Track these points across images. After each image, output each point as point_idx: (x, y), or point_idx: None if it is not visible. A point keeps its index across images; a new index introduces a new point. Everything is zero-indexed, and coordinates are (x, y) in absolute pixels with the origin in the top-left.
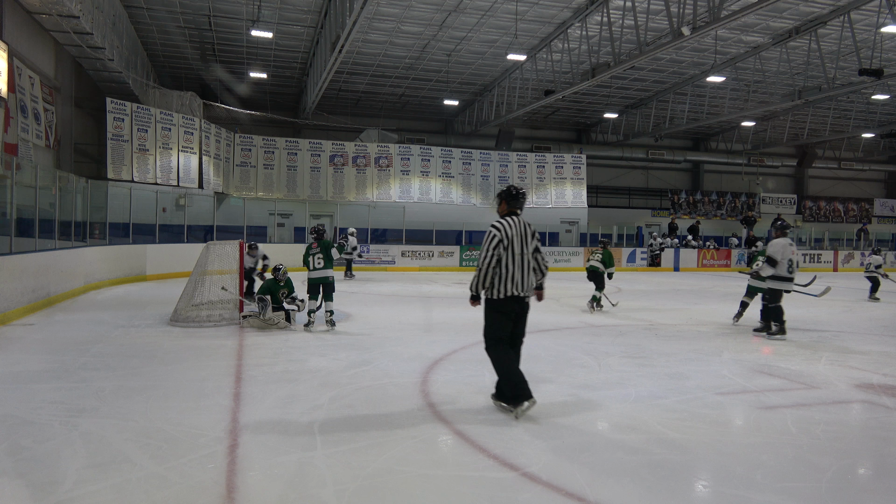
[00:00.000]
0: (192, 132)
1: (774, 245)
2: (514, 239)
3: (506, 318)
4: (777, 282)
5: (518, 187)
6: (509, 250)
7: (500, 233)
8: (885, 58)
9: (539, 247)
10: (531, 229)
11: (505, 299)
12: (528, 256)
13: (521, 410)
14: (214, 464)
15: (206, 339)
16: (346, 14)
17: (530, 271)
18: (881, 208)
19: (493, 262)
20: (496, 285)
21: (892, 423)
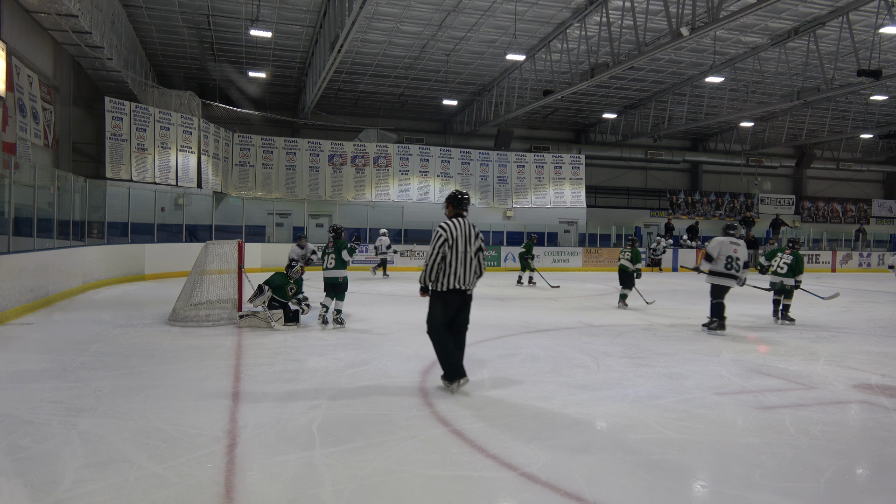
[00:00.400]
0: (191, 131)
1: (712, 242)
2: (459, 239)
3: (448, 307)
4: (715, 277)
5: (463, 192)
6: (454, 249)
7: (446, 233)
8: (884, 58)
9: (482, 247)
10: (475, 231)
11: (448, 291)
12: (471, 255)
13: (455, 386)
14: (213, 463)
15: (204, 339)
16: (345, 14)
17: (472, 268)
18: (879, 209)
19: (439, 258)
20: (440, 279)
21: (891, 424)
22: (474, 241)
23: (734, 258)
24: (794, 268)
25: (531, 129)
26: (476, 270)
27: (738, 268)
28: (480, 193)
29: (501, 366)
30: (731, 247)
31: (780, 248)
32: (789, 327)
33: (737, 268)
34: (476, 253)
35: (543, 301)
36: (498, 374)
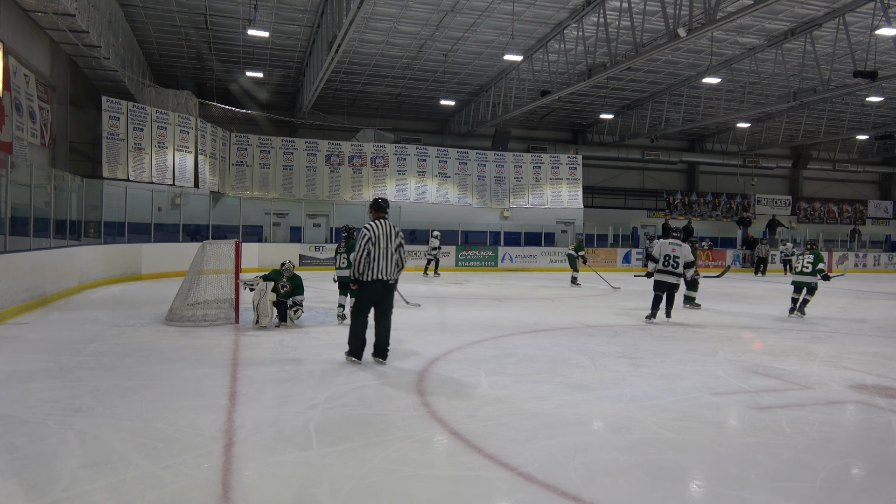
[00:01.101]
0: (188, 131)
1: (654, 245)
2: (381, 237)
3: (371, 294)
4: (659, 274)
5: (384, 199)
6: (377, 245)
7: (370, 233)
8: (880, 60)
9: (402, 244)
10: (395, 230)
11: (372, 282)
12: (391, 250)
13: (351, 360)
14: (210, 463)
15: (201, 339)
16: (342, 14)
17: (393, 261)
18: (875, 210)
19: (365, 253)
20: (365, 271)
21: (886, 424)
22: (394, 238)
23: (671, 256)
24: (815, 265)
25: (528, 130)
26: (397, 263)
27: (676, 265)
28: (478, 193)
29: (499, 366)
30: (670, 247)
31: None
32: (786, 328)
33: (674, 265)
34: (396, 249)
35: (540, 301)
36: (495, 374)
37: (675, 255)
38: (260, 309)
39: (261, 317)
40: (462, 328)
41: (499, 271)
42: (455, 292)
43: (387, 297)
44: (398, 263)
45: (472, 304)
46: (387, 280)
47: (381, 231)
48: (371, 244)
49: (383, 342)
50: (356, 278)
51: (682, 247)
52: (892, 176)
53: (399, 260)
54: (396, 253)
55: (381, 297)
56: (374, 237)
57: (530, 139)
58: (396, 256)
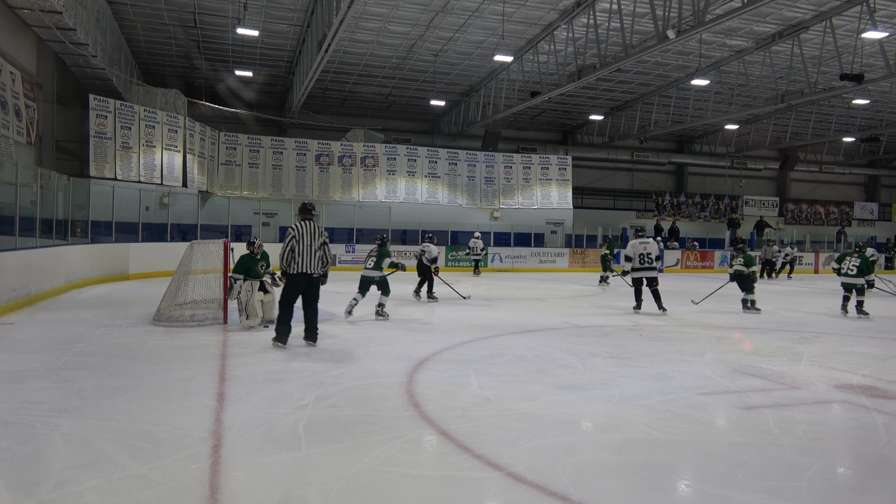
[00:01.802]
0: (177, 130)
1: (628, 245)
2: (304, 236)
3: (296, 286)
4: (636, 272)
5: (311, 203)
6: (300, 243)
7: (295, 231)
8: (866, 63)
9: (326, 242)
10: (320, 230)
11: (297, 274)
12: (314, 248)
13: (277, 344)
14: (198, 464)
15: (189, 339)
16: (332, 13)
17: (317, 257)
18: (861, 211)
19: (289, 249)
20: (291, 266)
21: (871, 423)
22: (318, 237)
23: (645, 254)
24: (862, 269)
25: (518, 130)
26: (321, 259)
27: (651, 260)
28: (468, 194)
29: (488, 366)
30: (641, 246)
31: (848, 252)
32: (773, 329)
33: (649, 261)
34: (320, 246)
35: (530, 302)
36: (485, 374)
37: (647, 252)
38: (248, 310)
39: (249, 317)
40: (452, 329)
41: (489, 272)
42: (444, 293)
43: (311, 288)
44: (322, 259)
45: (462, 304)
46: (310, 273)
47: (304, 230)
48: (295, 241)
49: (312, 327)
50: (283, 271)
51: (651, 243)
52: (878, 178)
53: (323, 256)
54: (320, 250)
55: (305, 287)
56: (297, 235)
57: (520, 140)
58: (320, 253)
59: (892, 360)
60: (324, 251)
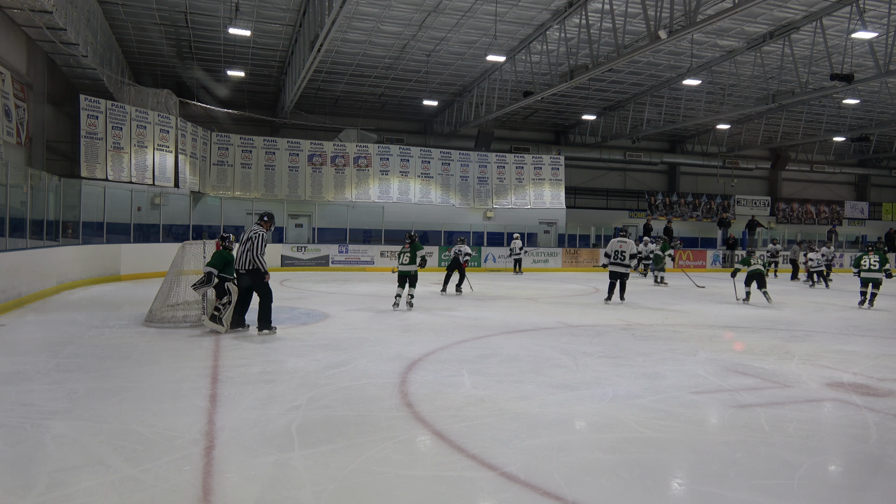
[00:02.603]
0: (168, 130)
1: (608, 245)
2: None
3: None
4: (612, 266)
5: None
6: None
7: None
8: (856, 63)
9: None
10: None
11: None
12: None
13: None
14: (190, 466)
15: (181, 340)
16: (325, 13)
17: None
18: (851, 210)
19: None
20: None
21: (862, 421)
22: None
23: (620, 252)
24: (882, 263)
25: (511, 130)
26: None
27: (623, 258)
28: (461, 194)
29: (482, 366)
30: (618, 244)
31: (864, 253)
32: (764, 327)
33: (621, 258)
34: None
35: (523, 301)
36: (478, 374)
37: (621, 250)
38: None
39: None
40: (445, 329)
41: (483, 271)
42: (438, 292)
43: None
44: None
45: (455, 304)
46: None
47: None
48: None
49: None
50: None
51: (628, 243)
52: (868, 177)
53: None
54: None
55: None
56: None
57: (513, 140)
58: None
59: (882, 359)
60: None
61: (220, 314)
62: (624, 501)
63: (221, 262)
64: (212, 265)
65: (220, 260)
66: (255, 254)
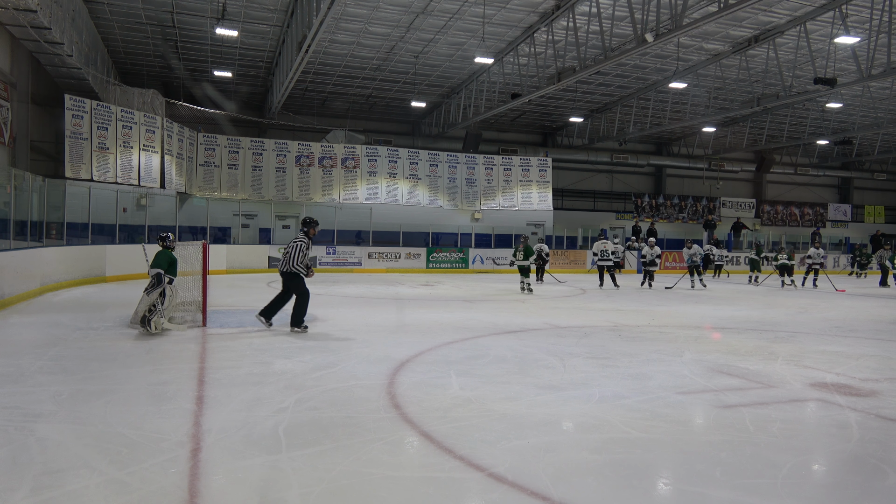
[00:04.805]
0: (154, 130)
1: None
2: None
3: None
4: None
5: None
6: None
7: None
8: (839, 67)
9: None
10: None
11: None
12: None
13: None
14: (177, 468)
15: (167, 342)
16: (312, 14)
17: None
18: (834, 213)
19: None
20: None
21: (845, 421)
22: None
23: (603, 251)
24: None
25: (499, 132)
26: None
27: (607, 255)
28: (448, 195)
29: (469, 367)
30: (602, 245)
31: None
32: (749, 328)
33: (605, 256)
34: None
35: (510, 303)
36: (466, 375)
37: (604, 249)
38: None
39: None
40: (433, 330)
41: (469, 273)
42: (426, 294)
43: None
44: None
45: (443, 305)
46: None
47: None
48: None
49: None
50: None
51: (607, 243)
52: (851, 180)
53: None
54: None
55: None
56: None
57: (501, 141)
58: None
59: (864, 359)
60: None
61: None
62: (610, 501)
63: (166, 262)
64: (157, 265)
65: (165, 259)
66: (290, 263)
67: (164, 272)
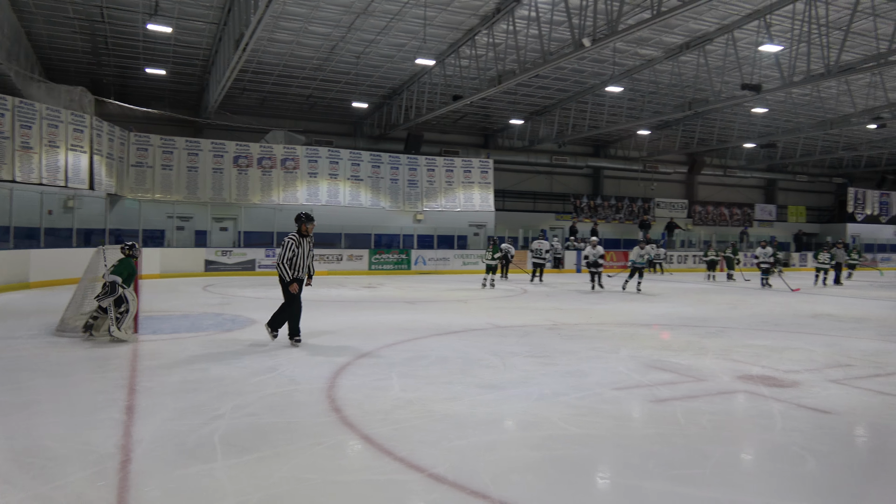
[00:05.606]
0: (83, 129)
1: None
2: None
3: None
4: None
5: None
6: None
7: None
8: (764, 74)
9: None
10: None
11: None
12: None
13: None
14: (106, 481)
15: (97, 350)
16: (250, 12)
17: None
18: (761, 213)
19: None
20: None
21: (769, 411)
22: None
23: (536, 249)
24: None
25: (441, 134)
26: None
27: (540, 254)
28: (391, 196)
29: (411, 368)
30: (537, 244)
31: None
32: (682, 324)
33: (538, 254)
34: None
35: (453, 303)
36: (408, 377)
37: (539, 248)
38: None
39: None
40: (375, 332)
41: (412, 274)
42: (368, 296)
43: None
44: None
45: (386, 307)
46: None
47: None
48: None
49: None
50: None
51: (543, 243)
52: (776, 182)
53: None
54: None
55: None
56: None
57: (443, 143)
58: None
59: (787, 352)
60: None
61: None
62: (549, 497)
63: (126, 271)
64: (117, 273)
65: (126, 268)
66: (277, 261)
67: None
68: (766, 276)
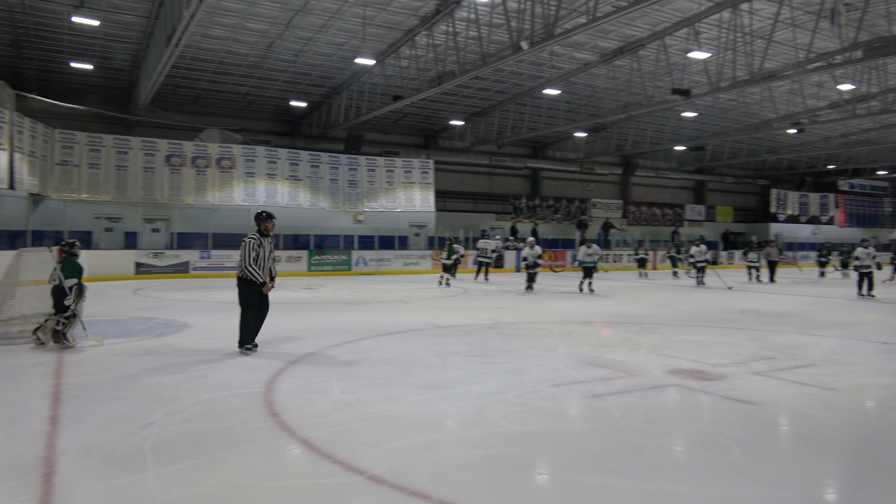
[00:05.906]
0: (2, 126)
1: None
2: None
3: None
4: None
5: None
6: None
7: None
8: (693, 80)
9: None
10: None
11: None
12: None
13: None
14: (27, 495)
15: (17, 358)
16: (182, 6)
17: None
18: (691, 213)
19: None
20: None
21: (698, 404)
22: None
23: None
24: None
25: (382, 134)
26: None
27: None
28: (330, 197)
29: (352, 370)
30: (483, 243)
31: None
32: (617, 321)
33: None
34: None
35: (394, 304)
36: (347, 379)
37: (485, 247)
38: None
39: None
40: (315, 334)
41: (353, 275)
42: (307, 298)
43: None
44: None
45: (326, 309)
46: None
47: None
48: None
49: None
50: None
51: (489, 242)
52: (705, 183)
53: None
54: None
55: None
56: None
57: (383, 143)
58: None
59: (715, 346)
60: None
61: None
62: (487, 494)
63: (75, 271)
64: (71, 276)
65: (74, 268)
66: (243, 265)
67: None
68: (700, 275)
